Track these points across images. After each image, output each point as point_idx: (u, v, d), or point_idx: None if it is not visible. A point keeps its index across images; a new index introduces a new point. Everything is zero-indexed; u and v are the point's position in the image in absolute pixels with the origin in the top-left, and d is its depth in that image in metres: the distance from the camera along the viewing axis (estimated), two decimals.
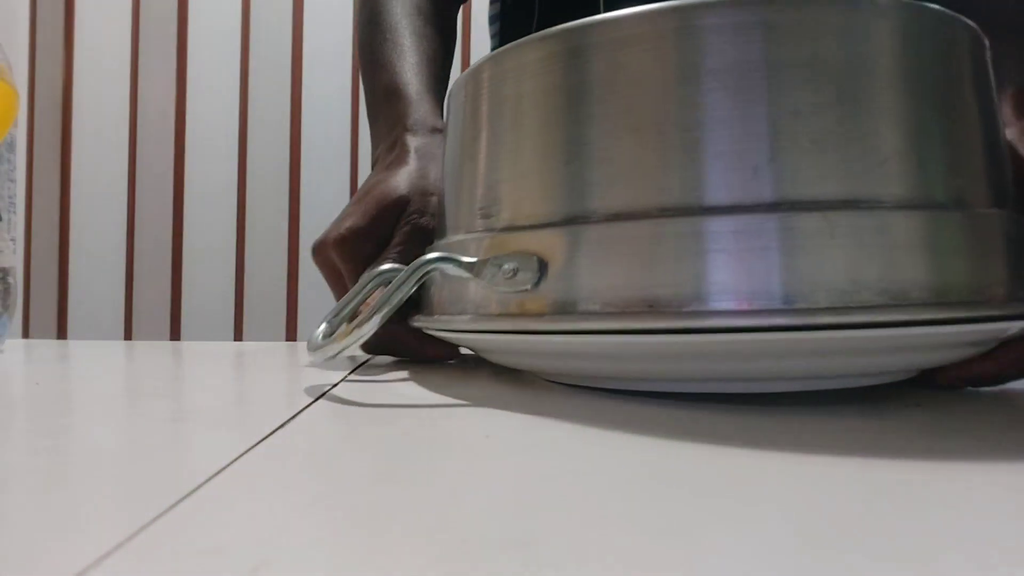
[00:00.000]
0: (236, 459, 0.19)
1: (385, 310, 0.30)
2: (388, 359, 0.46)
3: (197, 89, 1.76)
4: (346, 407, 0.28)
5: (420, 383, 0.35)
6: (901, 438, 0.24)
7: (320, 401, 0.29)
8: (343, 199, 1.78)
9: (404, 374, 0.39)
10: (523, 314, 0.28)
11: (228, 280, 1.78)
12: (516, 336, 0.29)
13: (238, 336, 1.78)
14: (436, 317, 0.33)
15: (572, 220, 0.27)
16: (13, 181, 0.48)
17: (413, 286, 0.30)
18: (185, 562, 0.13)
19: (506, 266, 0.28)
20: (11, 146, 0.48)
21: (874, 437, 0.24)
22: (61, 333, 1.75)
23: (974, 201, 0.27)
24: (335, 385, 0.34)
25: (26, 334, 1.69)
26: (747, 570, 0.13)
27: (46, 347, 0.53)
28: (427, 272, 0.30)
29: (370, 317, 0.30)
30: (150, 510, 0.15)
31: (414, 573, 0.12)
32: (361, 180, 1.77)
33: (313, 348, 0.31)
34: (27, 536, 0.14)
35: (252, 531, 0.14)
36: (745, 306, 0.24)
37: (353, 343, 0.30)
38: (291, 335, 1.79)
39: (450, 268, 0.30)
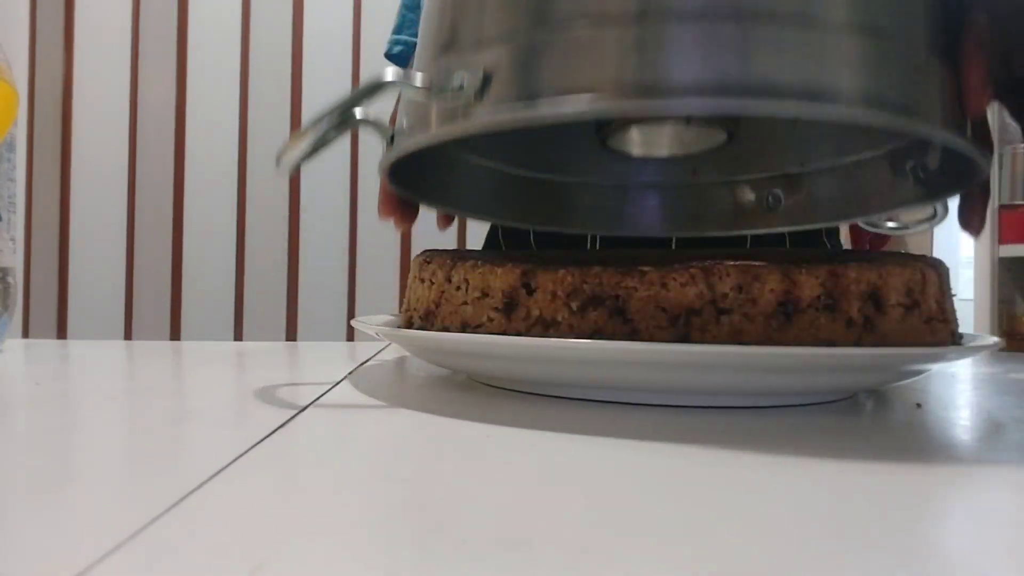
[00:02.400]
0: (236, 459, 0.19)
1: (335, 112, 0.30)
2: (388, 360, 0.46)
3: (197, 89, 1.76)
4: (345, 407, 0.28)
5: (417, 385, 0.35)
6: (902, 438, 0.24)
7: (320, 401, 0.29)
8: (343, 199, 1.78)
9: (403, 376, 0.39)
10: (469, 116, 0.28)
11: (228, 280, 1.78)
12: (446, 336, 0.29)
13: (238, 336, 1.78)
14: (393, 146, 0.33)
15: (516, 35, 0.27)
16: (13, 181, 0.48)
17: (364, 95, 0.30)
18: (185, 562, 0.13)
19: (456, 78, 0.28)
20: (11, 146, 0.48)
21: (876, 437, 0.24)
22: (61, 333, 1.75)
23: (917, 43, 0.27)
24: (335, 385, 0.34)
25: (26, 334, 1.69)
26: (748, 569, 0.13)
27: (46, 347, 0.53)
28: (380, 84, 0.30)
29: (316, 122, 0.30)
30: (150, 510, 0.15)
31: (414, 573, 0.12)
32: (361, 180, 1.77)
33: (278, 156, 0.32)
34: (27, 536, 0.14)
35: (252, 531, 0.14)
36: (707, 90, 0.24)
37: (307, 149, 0.31)
38: (291, 335, 1.79)
39: (399, 78, 0.30)
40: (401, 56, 0.68)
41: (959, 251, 2.12)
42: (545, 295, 0.27)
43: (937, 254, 0.40)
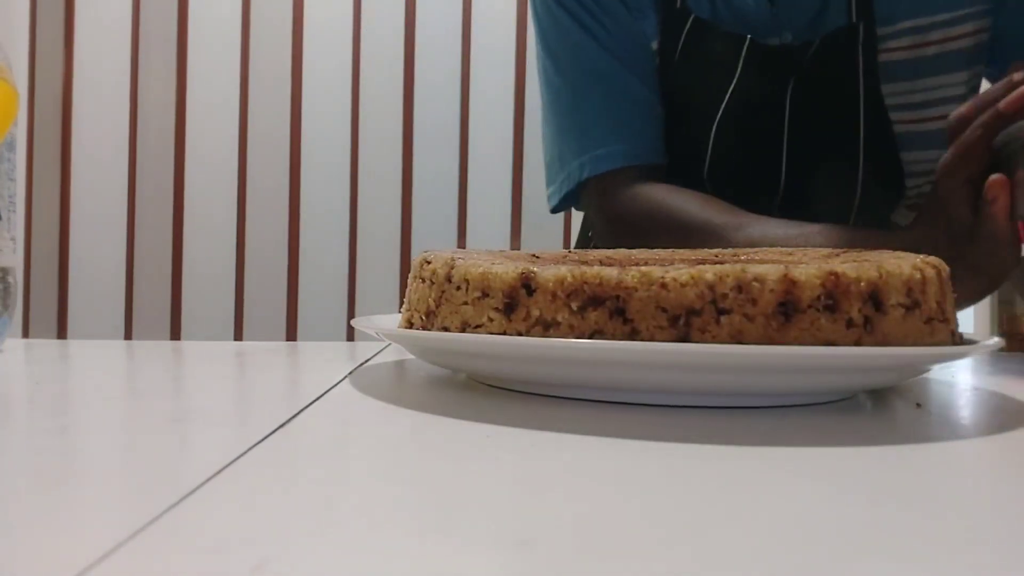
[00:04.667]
0: (236, 459, 0.19)
1: None
2: (388, 360, 0.46)
3: (197, 89, 1.76)
4: (345, 407, 0.28)
5: (418, 386, 0.35)
6: (902, 438, 0.24)
7: (320, 401, 0.29)
8: (343, 198, 1.78)
9: (403, 376, 0.39)
10: None
11: (228, 280, 1.78)
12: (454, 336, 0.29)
13: (238, 336, 1.78)
14: None
15: None
16: (13, 181, 0.48)
17: None
18: (185, 562, 0.13)
19: None
20: (11, 146, 0.48)
21: (876, 437, 0.24)
22: (61, 333, 1.75)
23: None
24: (335, 385, 0.34)
25: (26, 334, 1.69)
26: (748, 569, 0.13)
27: (46, 347, 0.53)
28: None
29: None
30: (150, 510, 0.15)
31: (413, 572, 0.12)
32: (362, 180, 1.77)
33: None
34: (27, 536, 0.14)
35: (252, 531, 0.14)
36: None
37: None
38: (291, 335, 1.78)
39: None
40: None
41: None
42: (545, 295, 0.27)
43: None
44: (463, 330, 0.30)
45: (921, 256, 0.30)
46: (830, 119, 0.62)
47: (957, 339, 0.30)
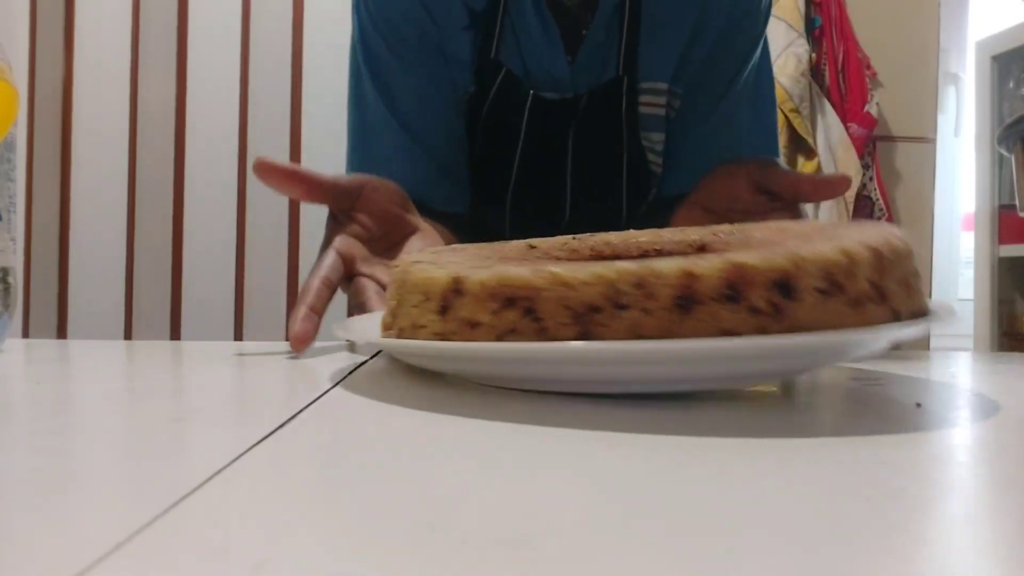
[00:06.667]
0: (236, 459, 0.19)
1: None
2: (387, 360, 0.46)
3: (197, 89, 1.76)
4: (346, 407, 0.28)
5: (418, 381, 0.35)
6: (902, 437, 0.24)
7: (320, 401, 0.29)
8: None
9: (401, 377, 0.39)
10: None
11: (228, 280, 1.78)
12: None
13: (238, 336, 1.78)
14: None
15: None
16: (13, 181, 0.48)
17: None
18: (185, 562, 0.13)
19: None
20: (11, 146, 0.48)
21: (875, 436, 0.24)
22: (61, 333, 1.75)
23: None
24: (335, 385, 0.34)
25: (26, 334, 1.69)
26: (748, 568, 0.13)
27: (46, 347, 0.53)
28: None
29: None
30: (150, 510, 0.15)
31: (414, 572, 0.12)
32: None
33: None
34: (27, 536, 0.14)
35: (252, 531, 0.14)
36: None
37: None
38: None
39: None
40: None
41: (959, 251, 2.12)
42: (471, 298, 0.29)
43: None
44: (414, 331, 0.31)
45: (855, 237, 0.28)
46: (602, 158, 0.75)
47: (906, 318, 0.28)
